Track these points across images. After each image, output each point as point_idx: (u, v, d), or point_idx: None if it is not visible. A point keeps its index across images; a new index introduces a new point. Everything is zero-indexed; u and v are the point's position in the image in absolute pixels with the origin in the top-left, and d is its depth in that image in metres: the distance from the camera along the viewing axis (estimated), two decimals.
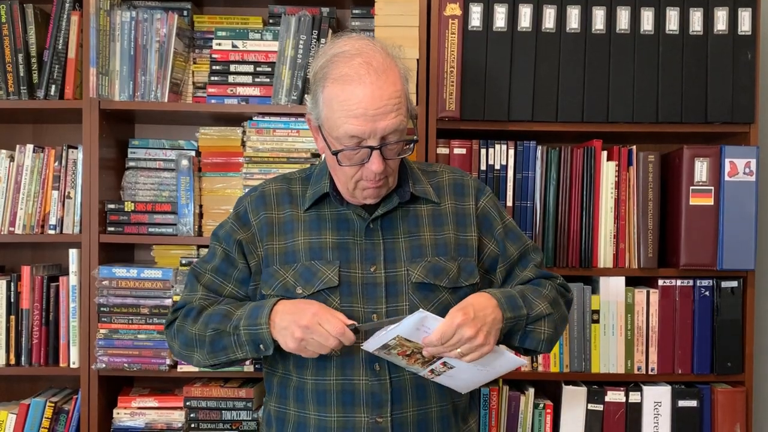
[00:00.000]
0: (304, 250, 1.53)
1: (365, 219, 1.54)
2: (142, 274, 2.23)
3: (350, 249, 1.53)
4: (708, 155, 2.22)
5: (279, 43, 2.28)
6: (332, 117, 1.44)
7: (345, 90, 1.42)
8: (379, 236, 1.54)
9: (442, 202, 1.60)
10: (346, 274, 1.51)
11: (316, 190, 1.57)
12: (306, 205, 1.57)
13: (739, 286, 2.26)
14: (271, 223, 1.57)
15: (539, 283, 1.62)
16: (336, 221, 1.56)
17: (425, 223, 1.57)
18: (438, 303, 1.52)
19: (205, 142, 2.34)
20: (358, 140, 1.43)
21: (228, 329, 1.49)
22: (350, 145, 1.44)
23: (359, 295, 1.50)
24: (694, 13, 2.24)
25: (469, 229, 1.59)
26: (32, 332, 2.29)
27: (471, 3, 2.22)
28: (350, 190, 1.51)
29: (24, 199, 2.30)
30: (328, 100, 1.44)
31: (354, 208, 1.55)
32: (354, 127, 1.42)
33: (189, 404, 2.24)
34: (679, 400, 2.25)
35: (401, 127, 1.45)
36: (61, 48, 2.27)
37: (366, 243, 1.53)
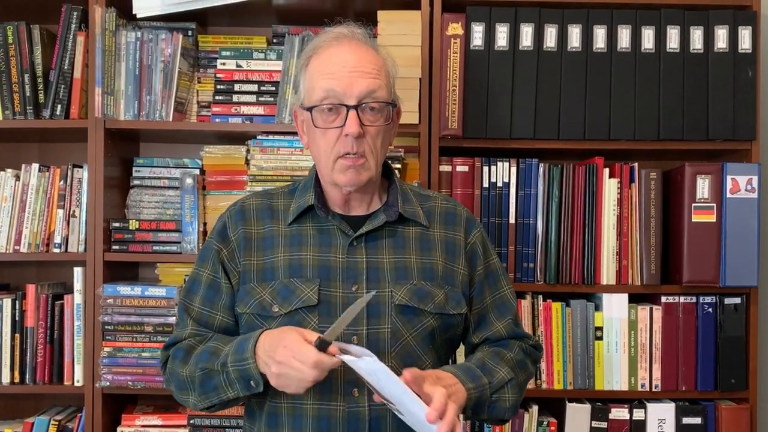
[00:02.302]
0: (283, 267, 1.48)
1: (349, 236, 1.49)
2: (147, 292, 2.24)
3: (331, 266, 1.47)
4: (710, 172, 2.23)
5: (283, 63, 2.30)
6: (311, 84, 1.46)
7: (324, 54, 1.46)
8: (363, 254, 1.48)
9: (432, 228, 1.55)
10: (326, 293, 1.45)
11: (300, 203, 1.53)
12: (289, 219, 1.52)
13: (742, 303, 2.26)
14: (250, 238, 1.52)
15: (506, 344, 1.57)
16: (318, 237, 1.50)
17: (412, 245, 1.52)
18: (422, 328, 1.47)
19: (209, 160, 2.35)
20: (334, 98, 1.43)
21: (216, 367, 1.41)
22: (326, 102, 1.43)
23: (339, 315, 1.42)
24: (694, 31, 2.26)
25: (458, 260, 1.55)
26: (37, 350, 2.30)
27: (473, 22, 2.24)
28: (332, 174, 1.47)
29: (29, 218, 2.31)
30: (310, 73, 1.47)
31: (338, 222, 1.50)
32: (329, 80, 1.43)
33: (193, 422, 2.24)
34: (683, 417, 2.24)
35: (381, 95, 1.45)
36: (66, 68, 2.29)
37: (348, 261, 1.48)
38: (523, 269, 2.26)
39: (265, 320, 1.46)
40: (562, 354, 2.27)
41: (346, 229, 1.50)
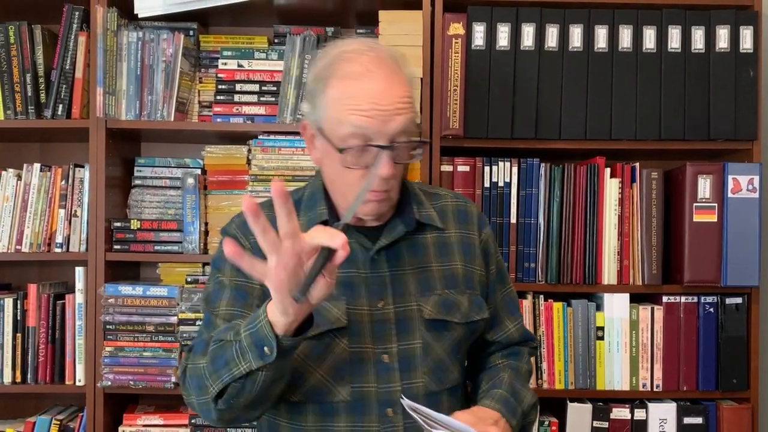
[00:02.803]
0: None
1: (369, 249, 1.40)
2: (148, 292, 2.24)
3: (355, 283, 1.39)
4: (711, 172, 2.23)
5: (284, 63, 2.30)
6: (337, 115, 1.32)
7: (353, 85, 1.31)
8: (385, 268, 1.41)
9: (447, 229, 1.49)
10: (353, 312, 1.37)
11: (311, 217, 1.42)
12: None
13: (743, 303, 2.26)
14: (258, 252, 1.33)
15: (518, 352, 1.56)
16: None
17: (432, 252, 1.46)
18: (451, 340, 1.43)
19: (210, 160, 2.35)
20: (364, 138, 1.31)
21: (230, 337, 1.26)
22: (356, 143, 1.31)
23: (368, 334, 1.37)
24: (695, 31, 2.26)
25: (475, 261, 1.51)
26: (38, 350, 2.30)
27: (474, 22, 2.24)
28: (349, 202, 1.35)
29: (31, 218, 2.31)
30: (334, 99, 1.33)
31: (356, 236, 1.40)
32: (363, 119, 1.29)
33: (194, 422, 2.25)
34: (685, 417, 2.24)
35: (411, 129, 1.34)
36: (68, 68, 2.29)
37: (371, 276, 1.40)
38: (524, 269, 2.26)
39: None
40: (564, 354, 2.27)
41: (365, 242, 1.41)
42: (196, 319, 2.23)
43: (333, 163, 1.37)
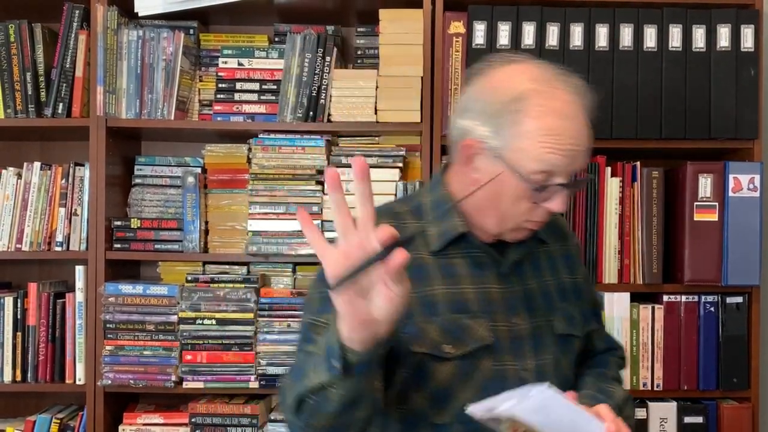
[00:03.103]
0: (443, 302, 1.32)
1: (499, 264, 1.37)
2: (148, 291, 2.24)
3: (492, 299, 1.35)
4: (712, 171, 2.22)
5: (284, 61, 2.29)
6: (532, 149, 1.26)
7: (556, 123, 1.27)
8: (516, 283, 1.38)
9: (551, 244, 1.47)
10: (494, 329, 1.33)
11: (445, 228, 1.36)
12: (434, 246, 1.35)
13: (744, 302, 2.26)
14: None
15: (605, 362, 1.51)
16: (470, 267, 1.36)
17: (544, 266, 1.43)
18: (573, 353, 1.41)
19: (211, 159, 2.35)
20: (550, 175, 1.28)
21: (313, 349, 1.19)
22: (540, 179, 1.27)
23: (508, 351, 1.32)
24: (696, 30, 2.25)
25: (576, 271, 1.49)
26: (38, 349, 2.30)
27: (475, 21, 2.24)
28: (504, 230, 1.34)
29: (31, 217, 2.31)
30: (532, 132, 1.26)
31: (487, 249, 1.37)
32: (559, 158, 1.26)
33: (194, 421, 2.24)
34: (685, 416, 2.24)
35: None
36: (68, 67, 2.29)
37: (506, 291, 1.36)
38: None
39: (438, 361, 1.30)
40: None
41: (496, 256, 1.37)
42: (196, 318, 2.23)
43: (500, 191, 1.30)
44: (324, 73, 2.27)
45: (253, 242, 2.26)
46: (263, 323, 2.24)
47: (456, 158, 1.37)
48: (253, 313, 2.24)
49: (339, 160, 2.30)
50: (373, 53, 2.37)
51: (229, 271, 2.34)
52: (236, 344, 2.23)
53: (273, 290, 2.29)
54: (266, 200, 2.28)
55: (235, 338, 2.23)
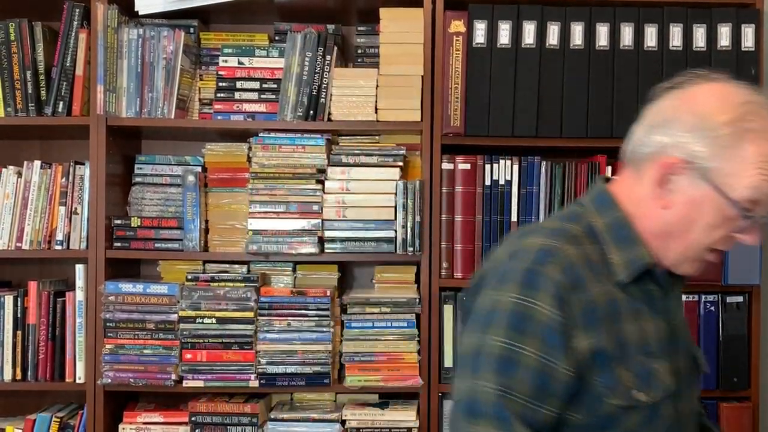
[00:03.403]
0: (634, 343, 1.20)
1: (668, 297, 1.28)
2: (148, 290, 2.24)
3: (662, 337, 1.24)
4: None
5: (285, 60, 2.29)
6: (747, 174, 1.18)
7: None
8: (672, 315, 1.29)
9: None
10: (675, 371, 1.24)
11: (630, 258, 1.24)
12: (621, 277, 1.22)
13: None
14: (594, 308, 1.18)
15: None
16: (645, 300, 1.25)
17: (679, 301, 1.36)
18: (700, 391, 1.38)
19: (211, 157, 2.35)
20: (755, 205, 1.20)
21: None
22: (747, 208, 1.19)
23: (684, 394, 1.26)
24: (697, 29, 2.25)
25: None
26: (38, 347, 2.30)
27: (475, 20, 2.24)
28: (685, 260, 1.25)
29: (31, 215, 2.31)
30: (751, 156, 1.18)
31: (664, 284, 1.27)
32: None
33: (194, 419, 2.24)
34: None
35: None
36: (68, 65, 2.29)
37: (670, 326, 1.27)
38: None
39: (628, 411, 1.18)
40: None
41: (664, 286, 1.28)
42: (196, 316, 2.23)
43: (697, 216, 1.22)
44: (324, 72, 2.27)
45: (253, 241, 2.26)
46: (263, 322, 2.24)
47: (646, 176, 1.24)
48: (253, 312, 2.24)
49: (339, 159, 2.30)
50: (373, 52, 2.37)
51: (229, 270, 2.34)
52: (236, 343, 2.23)
53: (273, 289, 2.29)
54: (266, 199, 2.28)
55: (235, 337, 2.23)
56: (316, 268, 2.38)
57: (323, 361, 2.23)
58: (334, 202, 2.27)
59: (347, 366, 2.25)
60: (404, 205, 2.25)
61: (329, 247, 2.28)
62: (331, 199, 2.27)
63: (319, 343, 2.24)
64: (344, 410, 2.28)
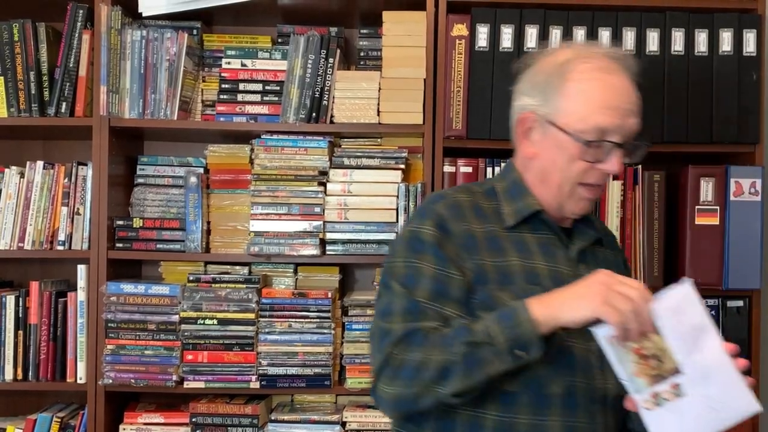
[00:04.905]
0: (519, 273, 1.37)
1: (568, 248, 1.42)
2: (150, 290, 2.25)
3: (564, 279, 1.36)
4: (713, 175, 2.23)
5: (288, 63, 2.30)
6: (580, 109, 1.36)
7: (602, 80, 1.37)
8: (584, 270, 1.38)
9: (607, 249, 1.52)
10: None
11: (520, 206, 1.42)
12: (509, 222, 1.41)
13: (744, 306, 2.26)
14: (474, 236, 1.38)
15: None
16: (541, 245, 1.41)
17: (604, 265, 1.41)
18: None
19: (213, 159, 2.36)
20: (602, 134, 1.36)
21: (480, 339, 1.25)
22: (594, 138, 1.35)
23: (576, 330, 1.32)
24: (699, 34, 2.26)
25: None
26: (40, 347, 2.30)
27: (478, 23, 2.24)
28: (564, 198, 1.40)
29: (33, 215, 2.32)
30: (577, 92, 1.37)
31: (559, 233, 1.43)
32: (608, 119, 1.35)
33: (195, 420, 2.25)
34: None
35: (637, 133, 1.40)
36: (72, 66, 2.29)
37: (575, 275, 1.36)
38: None
39: None
40: None
41: (566, 240, 1.43)
42: (197, 317, 2.23)
43: (555, 156, 1.40)
44: (327, 74, 2.28)
45: (254, 242, 2.27)
46: (264, 323, 2.25)
47: (515, 138, 1.46)
48: (255, 313, 2.24)
49: (341, 162, 2.30)
50: (376, 55, 2.37)
51: (230, 271, 2.34)
52: (237, 344, 2.24)
53: (274, 290, 2.29)
54: (268, 201, 2.28)
55: (237, 338, 2.24)
56: (318, 270, 2.39)
57: (324, 363, 2.24)
58: (335, 204, 2.27)
59: (348, 368, 2.26)
60: (406, 208, 2.26)
61: (331, 249, 2.28)
62: (333, 201, 2.27)
63: (320, 344, 2.24)
64: (345, 412, 2.28)
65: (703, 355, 1.23)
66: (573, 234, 1.46)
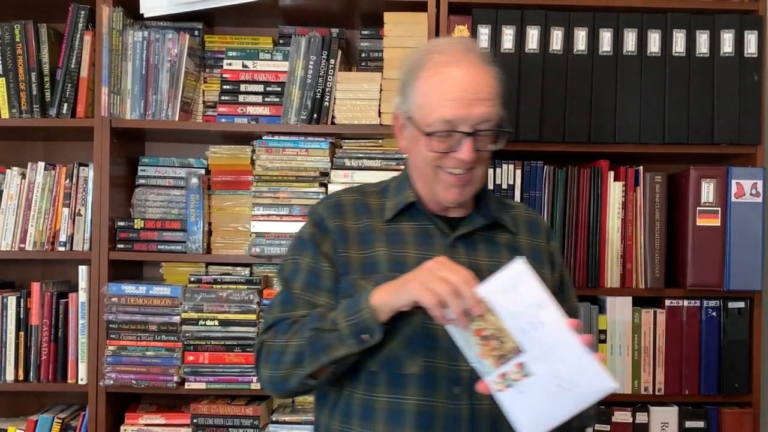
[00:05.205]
0: (385, 262, 1.47)
1: (448, 235, 1.49)
2: (151, 291, 2.25)
3: None
4: (715, 176, 2.23)
5: (289, 64, 2.30)
6: (427, 103, 1.43)
7: (442, 73, 1.42)
8: (462, 255, 1.47)
9: (519, 235, 1.56)
10: None
11: (399, 200, 1.52)
12: (388, 215, 1.52)
13: (746, 307, 2.26)
14: (346, 232, 1.50)
15: None
16: (418, 235, 1.50)
17: (504, 252, 1.51)
18: None
19: (214, 160, 2.36)
20: (450, 125, 1.41)
21: (327, 326, 1.37)
22: (442, 129, 1.41)
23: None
24: (700, 35, 2.26)
25: (545, 266, 1.55)
26: (41, 348, 2.30)
27: (479, 25, 2.25)
28: (434, 188, 1.47)
29: (35, 216, 2.32)
30: (424, 89, 1.44)
31: (437, 222, 1.51)
32: (449, 110, 1.41)
33: (196, 421, 2.25)
34: (686, 421, 2.24)
35: (494, 119, 1.44)
36: (73, 67, 2.29)
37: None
38: None
39: None
40: None
41: (445, 228, 1.50)
42: (198, 318, 2.23)
43: (419, 149, 1.48)
44: (328, 75, 2.28)
45: (256, 243, 2.27)
46: None
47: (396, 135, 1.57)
48: (256, 314, 2.24)
49: (342, 163, 2.30)
50: (377, 56, 2.37)
51: (231, 272, 2.34)
52: (238, 345, 2.24)
53: (275, 291, 2.29)
54: (269, 202, 2.28)
55: (238, 339, 2.24)
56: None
57: None
58: None
59: None
60: None
61: None
62: None
63: None
64: None
65: (544, 332, 1.23)
66: (462, 222, 1.52)
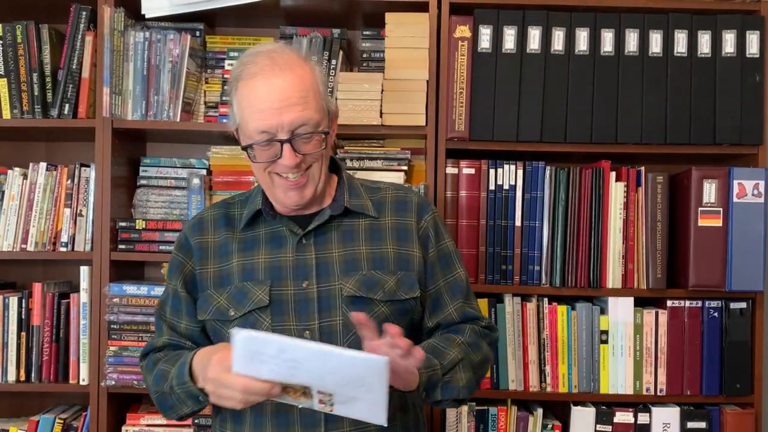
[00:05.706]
0: (237, 272, 1.53)
1: (297, 234, 1.53)
2: (152, 292, 2.24)
3: (282, 266, 1.52)
4: (716, 176, 2.22)
5: None
6: (242, 116, 1.47)
7: (251, 86, 1.45)
8: (312, 251, 1.52)
9: (382, 218, 1.57)
10: (277, 293, 1.49)
11: (250, 209, 1.57)
12: (241, 225, 1.57)
13: (747, 308, 2.26)
14: (206, 248, 1.57)
15: (458, 329, 1.57)
16: (269, 240, 1.55)
17: (361, 237, 1.55)
18: (374, 317, 1.46)
19: (216, 160, 2.36)
20: (268, 135, 1.44)
21: (167, 390, 1.49)
22: (261, 139, 1.45)
23: (291, 312, 1.48)
24: (702, 35, 2.26)
25: (412, 244, 1.56)
26: (42, 349, 2.30)
27: (481, 25, 2.25)
28: (273, 193, 1.51)
29: (36, 217, 2.32)
30: (240, 102, 1.47)
31: (287, 223, 1.54)
32: (261, 121, 1.43)
33: (197, 422, 2.25)
34: (688, 422, 2.24)
35: (311, 122, 1.45)
36: (75, 68, 2.29)
37: (297, 259, 1.52)
38: (528, 272, 2.27)
39: (224, 324, 1.51)
40: (567, 357, 2.27)
41: (294, 228, 1.53)
42: None
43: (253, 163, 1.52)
44: (329, 75, 2.28)
45: None
46: None
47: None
48: None
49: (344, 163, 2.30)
50: (378, 56, 2.37)
51: None
52: None
53: None
54: None
55: None
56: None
57: None
58: None
59: None
60: None
61: None
62: None
63: None
64: None
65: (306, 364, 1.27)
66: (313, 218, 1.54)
